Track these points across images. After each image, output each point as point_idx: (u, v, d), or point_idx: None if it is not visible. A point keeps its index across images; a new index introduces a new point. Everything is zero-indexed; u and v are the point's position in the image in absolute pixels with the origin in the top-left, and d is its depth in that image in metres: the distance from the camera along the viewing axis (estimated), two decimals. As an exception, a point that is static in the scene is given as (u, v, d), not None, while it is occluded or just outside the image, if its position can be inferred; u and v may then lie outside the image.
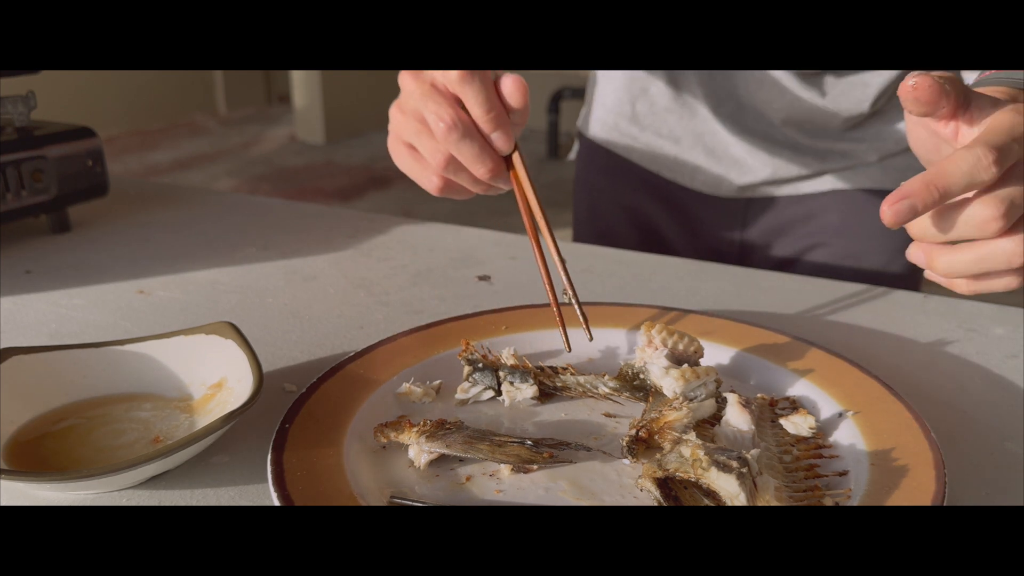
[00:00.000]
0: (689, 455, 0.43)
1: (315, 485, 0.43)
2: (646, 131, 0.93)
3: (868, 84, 0.83)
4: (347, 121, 5.30)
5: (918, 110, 0.46)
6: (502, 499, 0.45)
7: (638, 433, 0.47)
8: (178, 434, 0.50)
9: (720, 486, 0.42)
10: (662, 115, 0.91)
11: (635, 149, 0.94)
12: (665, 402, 0.50)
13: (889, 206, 0.45)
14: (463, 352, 0.55)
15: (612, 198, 0.98)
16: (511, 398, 0.54)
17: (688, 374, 0.51)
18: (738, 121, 0.88)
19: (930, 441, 0.46)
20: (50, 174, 0.82)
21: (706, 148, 0.90)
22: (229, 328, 0.54)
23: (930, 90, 0.46)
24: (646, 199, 0.96)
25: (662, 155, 0.93)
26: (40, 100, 0.86)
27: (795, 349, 0.58)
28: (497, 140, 0.51)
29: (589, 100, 1.00)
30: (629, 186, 0.96)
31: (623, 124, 0.94)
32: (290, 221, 0.94)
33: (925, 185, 0.44)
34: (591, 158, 0.99)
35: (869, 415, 0.50)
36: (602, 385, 0.54)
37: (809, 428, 0.50)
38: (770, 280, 0.77)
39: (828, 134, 0.87)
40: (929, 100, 0.46)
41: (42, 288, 0.73)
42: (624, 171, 0.96)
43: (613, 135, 0.96)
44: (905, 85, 0.46)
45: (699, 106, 0.89)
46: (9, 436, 0.48)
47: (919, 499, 0.42)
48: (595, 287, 0.75)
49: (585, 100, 1.02)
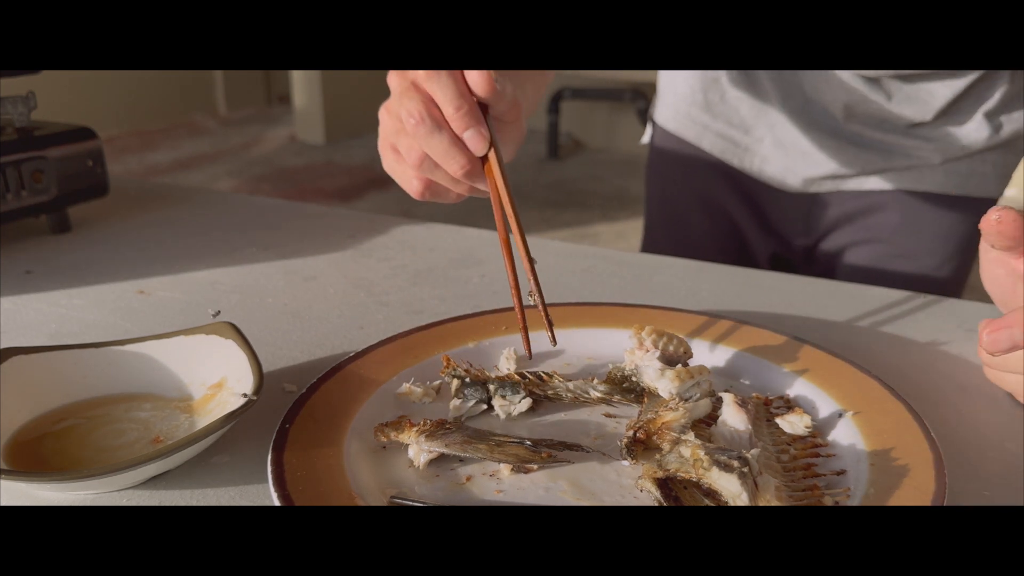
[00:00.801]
0: (689, 455, 0.43)
1: (315, 485, 0.43)
2: (717, 119, 0.94)
3: (933, 94, 0.83)
4: (347, 121, 5.30)
5: (1001, 244, 0.47)
6: (502, 499, 0.45)
7: (635, 434, 0.47)
8: (178, 434, 0.50)
9: (722, 486, 0.42)
10: (733, 104, 0.92)
11: (706, 137, 0.95)
12: (661, 403, 0.50)
13: (988, 333, 0.45)
14: (445, 368, 0.54)
15: (684, 184, 0.99)
16: (505, 412, 0.53)
17: (683, 374, 0.51)
18: (805, 115, 0.88)
19: (930, 441, 0.46)
20: (50, 174, 0.82)
21: (775, 139, 0.91)
22: (229, 328, 0.54)
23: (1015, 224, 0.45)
24: (717, 186, 0.97)
25: (732, 144, 0.93)
26: (40, 100, 0.86)
27: (794, 349, 0.58)
28: (469, 139, 0.49)
29: (659, 87, 1.02)
30: (700, 173, 0.97)
31: (695, 112, 0.95)
32: (290, 221, 0.94)
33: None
34: (662, 144, 1.00)
35: (869, 415, 0.50)
36: (592, 390, 0.54)
37: (805, 427, 0.50)
38: (770, 280, 0.77)
39: (894, 130, 0.87)
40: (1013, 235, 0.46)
41: (42, 288, 0.73)
42: (695, 158, 0.97)
43: (684, 123, 0.97)
44: (988, 219, 0.46)
45: (769, 98, 0.89)
46: (9, 436, 0.48)
47: (919, 499, 0.42)
48: (595, 287, 0.75)
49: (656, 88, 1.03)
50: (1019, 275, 0.50)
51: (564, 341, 0.59)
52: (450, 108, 0.49)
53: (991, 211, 0.46)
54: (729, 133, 0.93)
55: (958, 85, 0.82)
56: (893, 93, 0.84)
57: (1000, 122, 0.85)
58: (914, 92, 0.83)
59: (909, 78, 0.83)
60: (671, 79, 0.99)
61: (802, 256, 0.98)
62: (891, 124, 0.86)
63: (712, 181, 0.97)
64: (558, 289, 0.75)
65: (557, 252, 0.84)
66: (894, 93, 0.84)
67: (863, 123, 0.87)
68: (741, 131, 0.93)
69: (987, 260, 0.53)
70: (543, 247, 0.85)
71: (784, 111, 0.89)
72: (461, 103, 0.49)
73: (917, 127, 0.86)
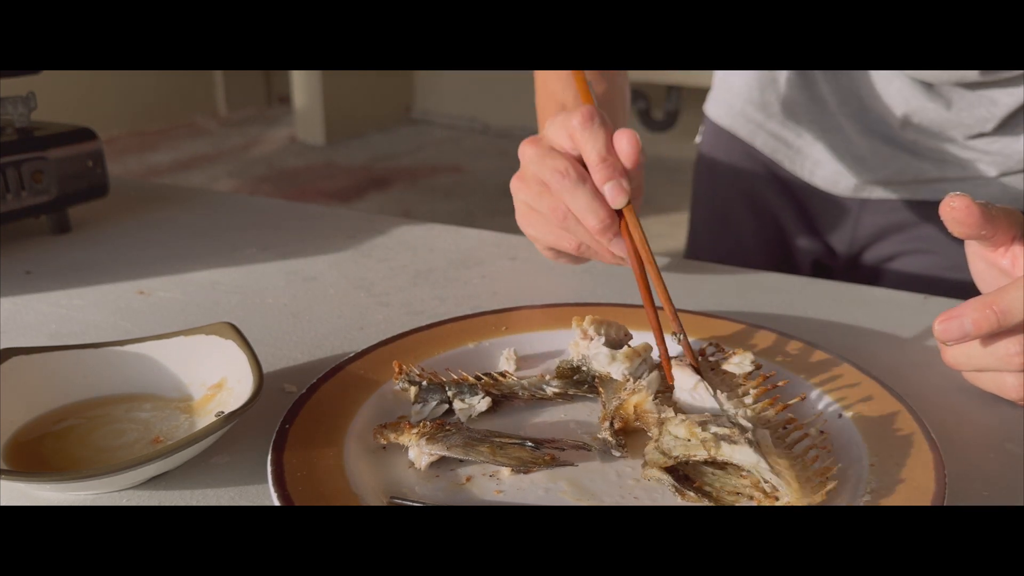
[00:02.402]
0: (686, 435, 0.44)
1: (315, 485, 0.43)
2: (772, 119, 0.92)
3: (996, 102, 0.80)
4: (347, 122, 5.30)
5: (959, 231, 0.46)
6: (502, 499, 0.45)
7: (613, 424, 0.48)
8: (178, 434, 0.50)
9: (738, 460, 0.43)
10: (789, 105, 0.91)
11: (759, 136, 0.94)
12: (618, 387, 0.50)
13: (940, 322, 0.45)
14: (398, 376, 0.53)
15: (732, 182, 0.98)
16: (465, 415, 0.52)
17: (631, 354, 0.53)
18: (861, 120, 0.87)
19: (930, 441, 0.46)
20: (50, 175, 0.82)
21: (829, 142, 0.89)
22: (229, 328, 0.54)
23: (967, 210, 0.45)
24: (766, 186, 0.96)
25: (784, 144, 0.92)
26: (40, 101, 0.86)
27: (794, 349, 0.58)
28: (610, 191, 0.51)
29: (714, 83, 1.01)
30: (750, 172, 0.96)
31: (749, 110, 0.94)
32: (290, 222, 0.94)
33: (984, 306, 0.43)
34: (715, 140, 0.99)
35: (869, 415, 0.50)
36: (546, 386, 0.54)
37: (751, 363, 0.52)
38: (770, 280, 0.78)
39: (951, 140, 0.84)
40: (966, 221, 0.45)
41: (42, 288, 0.73)
42: (746, 156, 0.96)
43: (738, 120, 0.96)
44: (944, 205, 0.46)
45: (825, 101, 0.88)
46: (9, 436, 0.48)
47: (919, 499, 0.42)
48: (596, 287, 0.75)
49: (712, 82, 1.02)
50: (998, 268, 0.49)
51: (565, 341, 0.59)
52: (595, 157, 0.51)
53: (947, 198, 0.46)
54: (782, 133, 0.92)
55: (1020, 93, 0.79)
56: (953, 101, 0.81)
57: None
58: (976, 99, 0.81)
59: (971, 85, 0.80)
60: (726, 75, 0.97)
61: (845, 264, 0.96)
62: (949, 134, 0.84)
63: (761, 181, 0.95)
64: (558, 289, 0.75)
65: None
66: (955, 101, 0.81)
67: (919, 131, 0.84)
68: (795, 133, 0.91)
69: (971, 255, 0.52)
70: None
71: (840, 115, 0.87)
72: (607, 155, 0.51)
73: (975, 138, 0.83)
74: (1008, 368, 0.48)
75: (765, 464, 0.42)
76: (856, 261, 0.95)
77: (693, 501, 0.44)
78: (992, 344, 0.47)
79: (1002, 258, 0.49)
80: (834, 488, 0.43)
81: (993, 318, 0.44)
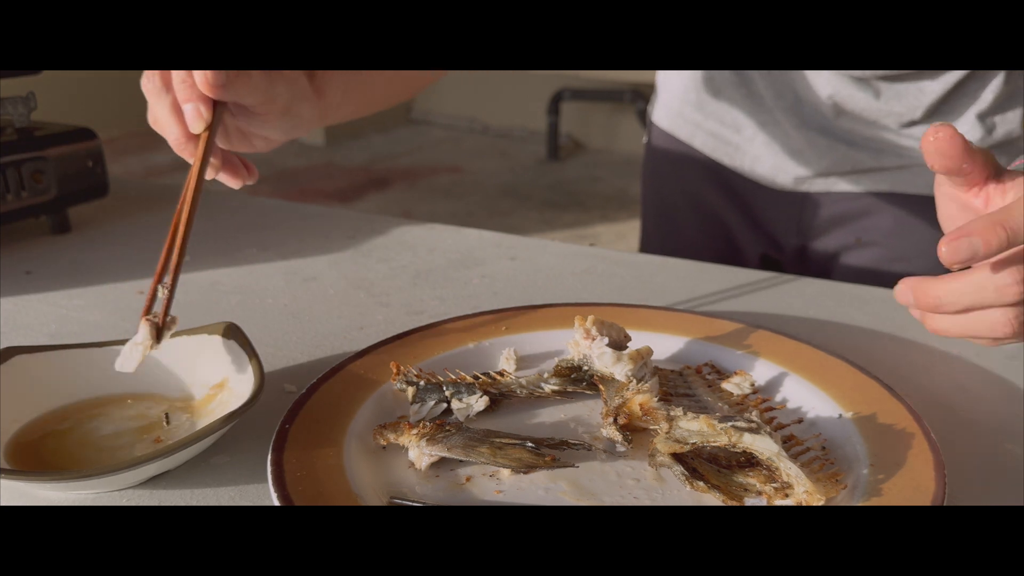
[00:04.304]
0: (703, 427, 0.45)
1: (315, 485, 0.43)
2: (709, 119, 0.93)
3: (923, 90, 0.82)
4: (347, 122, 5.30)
5: (941, 164, 0.44)
6: (502, 499, 0.45)
7: (617, 420, 0.49)
8: (179, 434, 0.50)
9: (759, 448, 0.44)
10: (725, 103, 0.92)
11: (698, 136, 0.95)
12: (621, 386, 0.51)
13: (947, 242, 0.41)
14: (395, 376, 0.53)
15: (676, 185, 0.99)
16: (462, 414, 0.52)
17: (635, 356, 0.54)
18: (797, 113, 0.88)
19: (930, 441, 0.46)
20: (50, 175, 0.82)
21: (766, 137, 0.90)
22: (230, 328, 0.54)
23: (951, 141, 0.43)
24: (708, 187, 0.97)
25: (724, 142, 0.93)
26: (40, 100, 0.86)
27: (794, 349, 0.58)
28: (188, 112, 0.51)
29: (656, 86, 1.02)
30: (692, 173, 0.97)
31: (687, 110, 0.95)
32: (290, 222, 0.94)
33: (992, 224, 0.40)
34: (657, 144, 1.01)
35: (868, 415, 0.50)
36: (544, 384, 0.54)
37: (751, 385, 0.53)
38: (770, 280, 0.78)
39: (885, 129, 0.86)
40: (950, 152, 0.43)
41: (42, 288, 0.73)
42: (687, 158, 0.97)
43: (677, 121, 0.97)
44: (926, 138, 0.43)
45: (761, 96, 0.89)
46: (10, 436, 0.48)
47: (919, 499, 0.42)
48: (596, 287, 0.75)
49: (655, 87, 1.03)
50: (972, 209, 0.47)
51: (564, 341, 0.59)
52: (178, 77, 0.51)
53: (929, 129, 0.43)
54: (721, 132, 0.93)
55: (948, 80, 0.81)
56: (881, 91, 0.83)
57: (993, 123, 0.84)
58: (903, 89, 0.83)
59: (895, 77, 0.82)
60: (667, 78, 0.99)
61: (793, 257, 0.98)
62: (883, 122, 0.86)
63: (703, 181, 0.97)
64: (558, 289, 0.75)
65: (557, 252, 0.84)
66: (882, 91, 0.83)
67: (853, 120, 0.86)
68: (732, 129, 0.93)
69: (941, 199, 0.50)
70: (543, 247, 0.86)
71: (775, 109, 0.89)
72: (187, 77, 0.50)
73: (908, 126, 0.86)
74: (1005, 301, 0.43)
75: (785, 455, 0.43)
76: (804, 256, 0.97)
77: (702, 491, 0.44)
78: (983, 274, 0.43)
79: (975, 198, 0.46)
80: (845, 487, 0.44)
81: (1003, 235, 0.40)
